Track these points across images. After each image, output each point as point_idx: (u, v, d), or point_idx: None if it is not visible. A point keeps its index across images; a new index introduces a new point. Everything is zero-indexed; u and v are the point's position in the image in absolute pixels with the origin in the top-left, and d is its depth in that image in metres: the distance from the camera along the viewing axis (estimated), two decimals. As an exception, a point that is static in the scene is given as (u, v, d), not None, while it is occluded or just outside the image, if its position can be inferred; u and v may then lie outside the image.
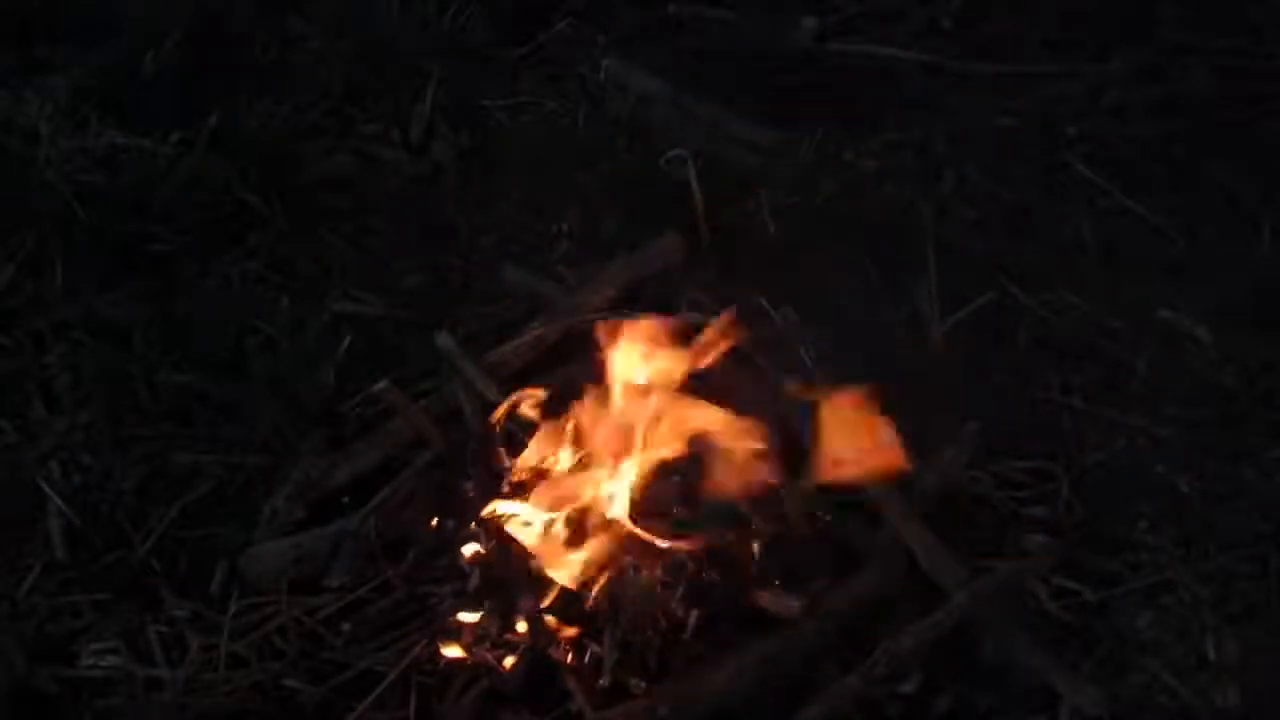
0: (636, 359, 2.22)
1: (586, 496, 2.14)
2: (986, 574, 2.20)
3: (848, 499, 2.26)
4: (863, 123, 3.26)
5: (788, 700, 2.02)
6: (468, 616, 2.09)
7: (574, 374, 2.41)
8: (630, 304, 2.63)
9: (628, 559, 2.08)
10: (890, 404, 2.17)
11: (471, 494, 2.22)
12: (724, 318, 2.30)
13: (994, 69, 3.43)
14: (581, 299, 2.65)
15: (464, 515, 2.19)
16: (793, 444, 2.21)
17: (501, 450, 2.26)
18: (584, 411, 2.23)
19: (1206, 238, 2.99)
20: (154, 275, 2.87)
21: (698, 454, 2.15)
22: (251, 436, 2.50)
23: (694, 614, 2.06)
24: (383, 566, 2.23)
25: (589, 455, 2.19)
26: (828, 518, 2.24)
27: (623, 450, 2.17)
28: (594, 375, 2.24)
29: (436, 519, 2.24)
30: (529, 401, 2.27)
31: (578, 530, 2.11)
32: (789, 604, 2.08)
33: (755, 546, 2.13)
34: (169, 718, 2.10)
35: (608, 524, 2.11)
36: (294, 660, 2.14)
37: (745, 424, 2.15)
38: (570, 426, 2.24)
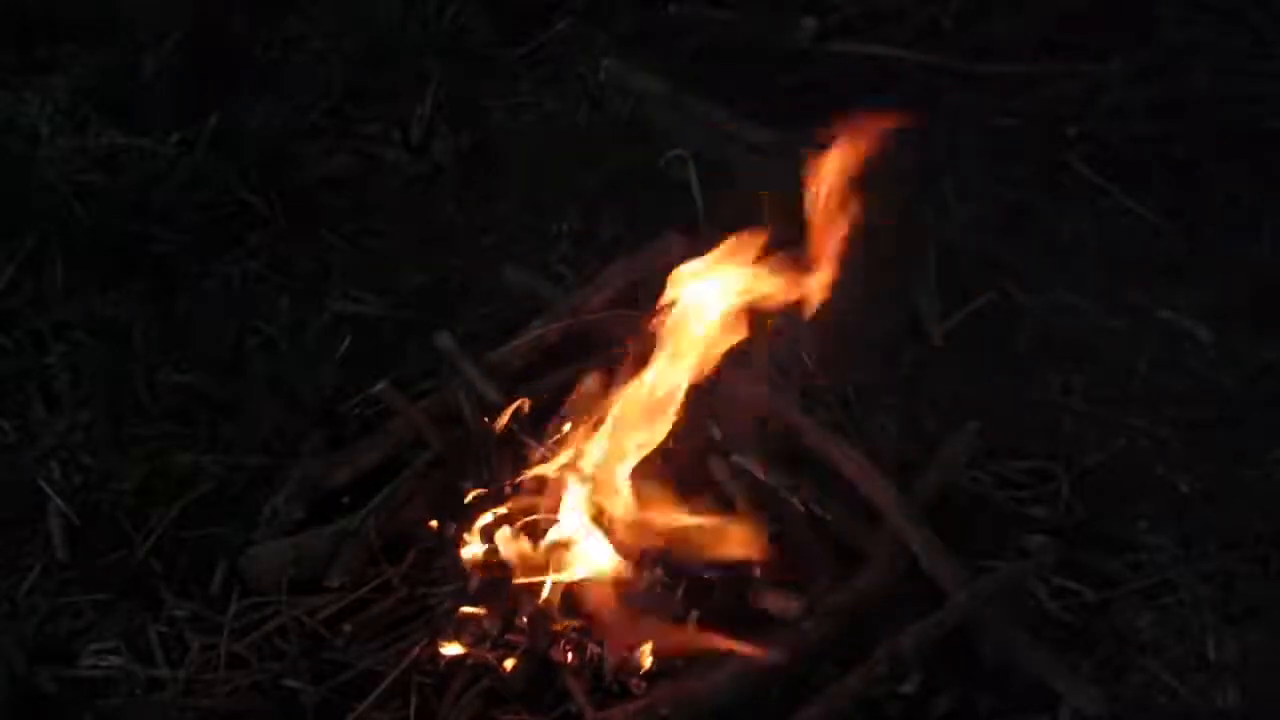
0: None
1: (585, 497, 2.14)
2: (986, 574, 2.20)
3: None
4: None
5: (788, 700, 2.02)
6: (468, 616, 2.09)
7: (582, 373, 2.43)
8: (630, 304, 2.63)
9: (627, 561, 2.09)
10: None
11: (472, 495, 2.22)
12: None
13: (994, 69, 3.43)
14: (581, 299, 2.65)
15: (464, 516, 2.19)
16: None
17: (502, 452, 2.26)
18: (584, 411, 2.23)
19: (1206, 238, 2.99)
20: (154, 275, 2.87)
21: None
22: (251, 436, 2.50)
23: (694, 614, 2.06)
24: (383, 567, 2.23)
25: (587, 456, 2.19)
26: (828, 518, 2.25)
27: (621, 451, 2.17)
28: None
29: (436, 519, 2.23)
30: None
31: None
32: (789, 604, 2.08)
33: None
34: (169, 718, 2.10)
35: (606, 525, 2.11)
36: (294, 660, 2.14)
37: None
38: (570, 426, 2.24)
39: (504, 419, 2.28)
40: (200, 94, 3.25)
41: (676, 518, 2.11)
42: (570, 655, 2.04)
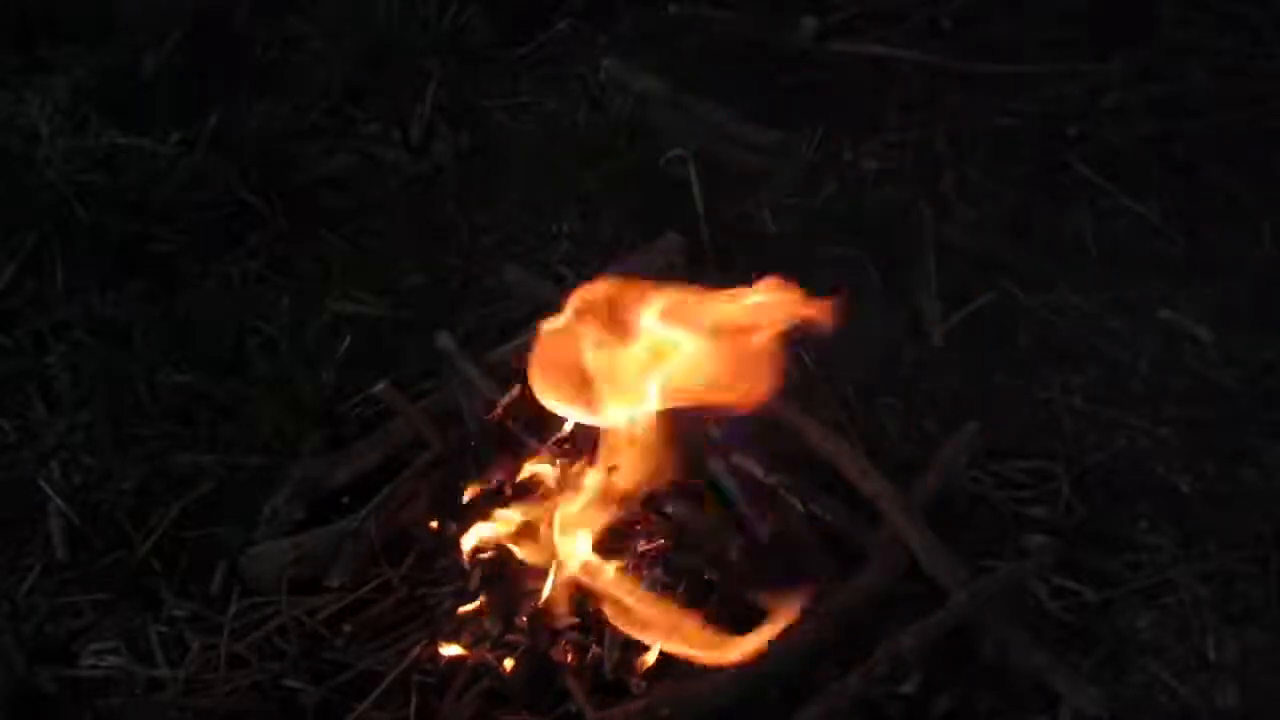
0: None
1: (585, 498, 2.14)
2: (986, 574, 2.20)
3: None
4: (863, 123, 3.26)
5: (788, 700, 2.02)
6: (468, 616, 2.09)
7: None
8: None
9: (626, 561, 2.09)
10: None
11: (472, 494, 2.22)
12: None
13: (994, 69, 3.43)
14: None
15: (464, 516, 2.19)
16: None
17: (501, 451, 2.26)
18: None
19: (1206, 238, 2.99)
20: (154, 275, 2.88)
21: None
22: (251, 436, 2.50)
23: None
24: (383, 567, 2.23)
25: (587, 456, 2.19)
26: (828, 518, 2.25)
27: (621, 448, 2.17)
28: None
29: (436, 519, 2.23)
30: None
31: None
32: (789, 604, 2.08)
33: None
34: (169, 718, 2.10)
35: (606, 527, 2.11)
36: (294, 660, 2.14)
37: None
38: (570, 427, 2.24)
39: (500, 409, 2.27)
40: (200, 94, 3.25)
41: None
42: (570, 655, 2.04)
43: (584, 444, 2.20)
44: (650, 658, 2.02)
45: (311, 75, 3.42)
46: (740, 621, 2.08)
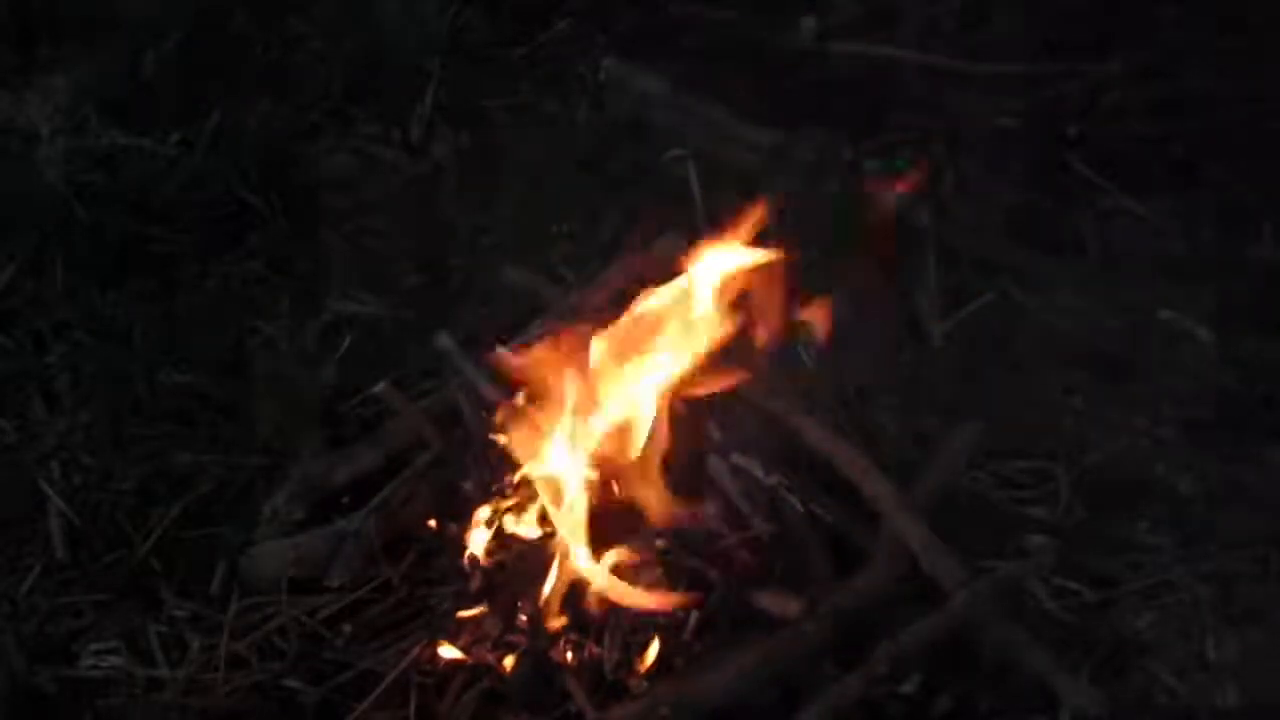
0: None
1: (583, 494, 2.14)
2: (986, 574, 2.20)
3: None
4: (863, 123, 3.26)
5: (788, 700, 2.02)
6: (468, 616, 2.09)
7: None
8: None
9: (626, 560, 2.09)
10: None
11: (471, 494, 2.22)
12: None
13: (994, 69, 3.43)
14: (581, 299, 2.65)
15: (464, 515, 2.19)
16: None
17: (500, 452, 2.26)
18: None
19: (1206, 238, 2.99)
20: (154, 275, 2.88)
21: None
22: (251, 436, 2.50)
23: (694, 614, 2.06)
24: (383, 567, 2.23)
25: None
26: (828, 518, 2.25)
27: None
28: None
29: (436, 519, 2.23)
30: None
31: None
32: (789, 604, 2.08)
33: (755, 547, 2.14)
34: (169, 718, 2.10)
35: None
36: (294, 660, 2.14)
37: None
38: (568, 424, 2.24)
39: (503, 420, 2.27)
40: (200, 94, 3.25)
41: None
42: (570, 655, 2.04)
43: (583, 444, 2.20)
44: (650, 658, 2.02)
45: (311, 75, 3.42)
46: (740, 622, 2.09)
